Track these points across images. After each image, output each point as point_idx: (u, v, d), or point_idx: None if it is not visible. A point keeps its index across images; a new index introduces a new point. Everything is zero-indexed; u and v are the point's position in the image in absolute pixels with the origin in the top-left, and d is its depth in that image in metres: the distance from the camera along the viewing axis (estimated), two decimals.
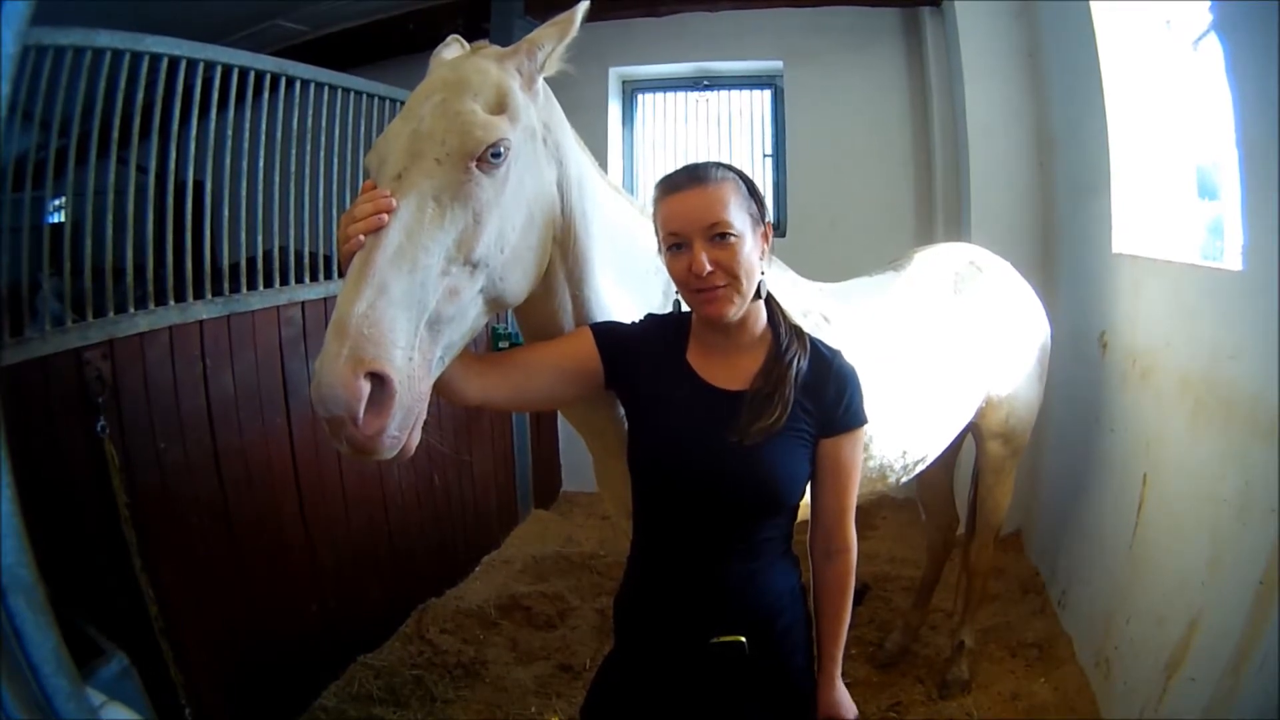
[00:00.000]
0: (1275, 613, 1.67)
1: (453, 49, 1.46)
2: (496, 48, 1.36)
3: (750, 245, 1.33)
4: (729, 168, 1.37)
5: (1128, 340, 2.77)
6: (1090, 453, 3.02)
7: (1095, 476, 2.98)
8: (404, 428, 1.11)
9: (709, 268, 1.29)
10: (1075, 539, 3.15)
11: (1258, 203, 1.93)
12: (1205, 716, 1.86)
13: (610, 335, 1.44)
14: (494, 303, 1.28)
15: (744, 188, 1.36)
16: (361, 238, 1.10)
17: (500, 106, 1.25)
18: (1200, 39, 2.45)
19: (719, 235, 1.30)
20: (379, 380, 1.04)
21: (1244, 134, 1.98)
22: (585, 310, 1.49)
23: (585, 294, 1.48)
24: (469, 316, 1.22)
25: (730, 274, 1.30)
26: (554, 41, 1.34)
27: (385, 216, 1.11)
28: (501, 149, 1.21)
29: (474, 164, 1.18)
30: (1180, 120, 2.74)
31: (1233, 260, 2.17)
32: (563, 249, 1.41)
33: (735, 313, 1.34)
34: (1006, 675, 2.89)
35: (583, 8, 1.37)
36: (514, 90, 1.28)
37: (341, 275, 1.12)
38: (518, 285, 1.31)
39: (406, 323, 1.09)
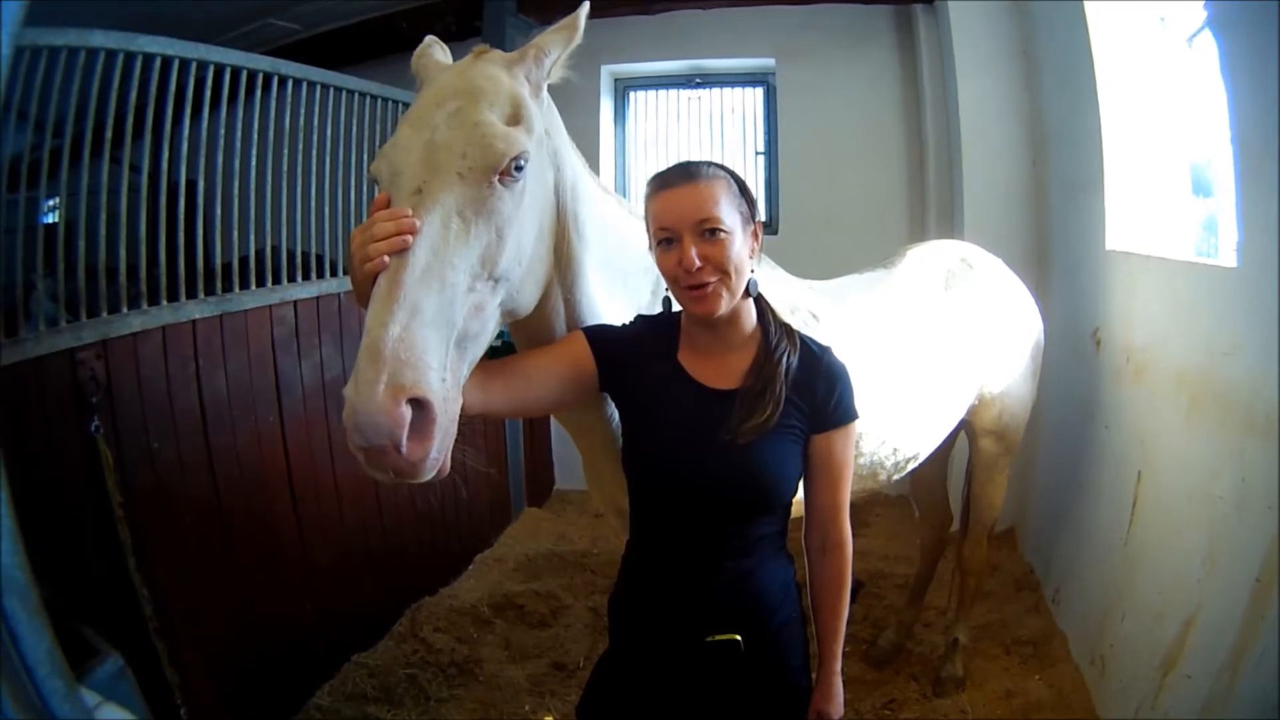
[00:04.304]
0: (1272, 609, 1.68)
1: (434, 50, 1.44)
2: (500, 53, 1.33)
3: (740, 243, 1.34)
4: (721, 167, 1.38)
5: (1122, 337, 2.77)
6: (1084, 450, 3.03)
7: (1090, 473, 2.98)
8: (443, 449, 1.10)
9: (698, 263, 1.29)
10: (1069, 536, 3.15)
11: (1252, 199, 1.93)
12: (1202, 714, 1.87)
13: (603, 338, 1.44)
14: (508, 315, 1.28)
15: (735, 187, 1.37)
16: (386, 258, 1.06)
17: (516, 117, 1.23)
18: (1194, 36, 2.46)
19: (709, 231, 1.30)
20: (419, 405, 1.03)
21: (1238, 130, 1.99)
22: (576, 314, 1.48)
23: (577, 297, 1.47)
24: (489, 331, 1.22)
25: (720, 269, 1.31)
26: (560, 48, 1.33)
27: (410, 238, 1.07)
28: (523, 161, 1.19)
29: (496, 178, 1.16)
30: (1174, 117, 2.75)
31: (1227, 257, 2.18)
32: (557, 254, 1.40)
33: (724, 309, 1.34)
34: (1001, 673, 2.89)
35: (584, 11, 1.35)
36: (527, 100, 1.27)
37: (361, 297, 1.09)
38: (531, 296, 1.31)
39: (439, 343, 1.07)
